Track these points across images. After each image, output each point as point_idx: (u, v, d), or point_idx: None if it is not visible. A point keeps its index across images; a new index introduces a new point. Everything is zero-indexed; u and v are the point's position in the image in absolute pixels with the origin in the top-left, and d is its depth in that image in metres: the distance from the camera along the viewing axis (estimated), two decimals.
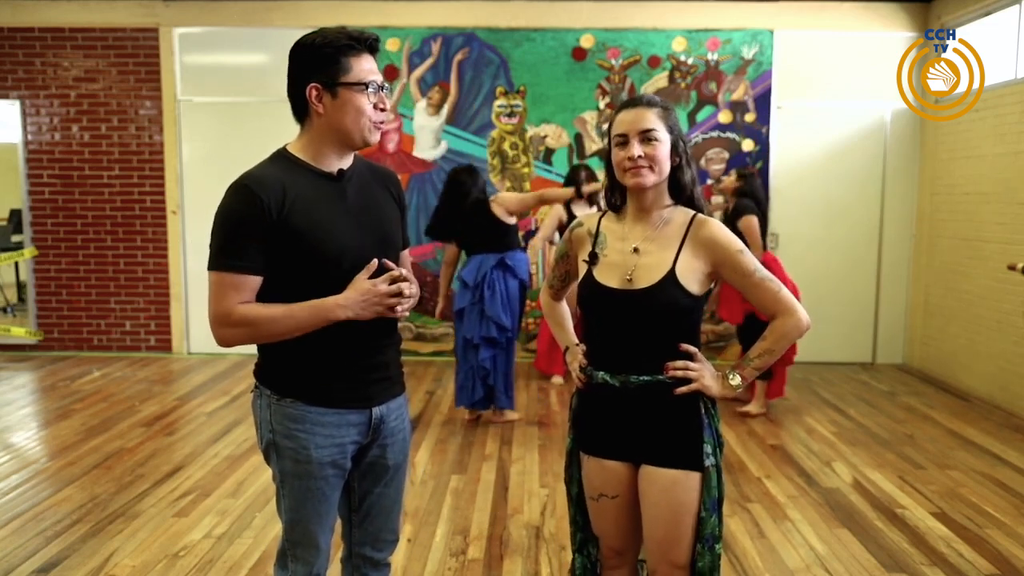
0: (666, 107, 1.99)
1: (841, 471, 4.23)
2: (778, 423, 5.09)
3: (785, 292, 1.97)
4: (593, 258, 2.03)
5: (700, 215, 2.00)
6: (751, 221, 5.02)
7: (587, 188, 5.38)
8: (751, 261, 1.96)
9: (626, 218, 2.05)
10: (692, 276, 1.95)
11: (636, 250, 1.98)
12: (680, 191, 2.01)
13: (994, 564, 3.18)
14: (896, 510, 3.71)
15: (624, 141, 1.95)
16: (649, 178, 1.94)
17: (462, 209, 4.86)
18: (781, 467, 4.28)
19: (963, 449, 4.61)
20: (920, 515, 3.66)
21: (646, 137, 1.93)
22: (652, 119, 1.94)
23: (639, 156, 1.92)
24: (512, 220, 4.90)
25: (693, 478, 1.95)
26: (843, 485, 4.03)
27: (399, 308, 1.86)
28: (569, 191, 5.21)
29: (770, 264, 4.99)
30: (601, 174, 6.74)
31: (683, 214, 2.01)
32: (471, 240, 4.94)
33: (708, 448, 1.96)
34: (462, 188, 4.86)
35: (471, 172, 4.95)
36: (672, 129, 1.97)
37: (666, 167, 1.96)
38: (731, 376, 1.99)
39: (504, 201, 4.87)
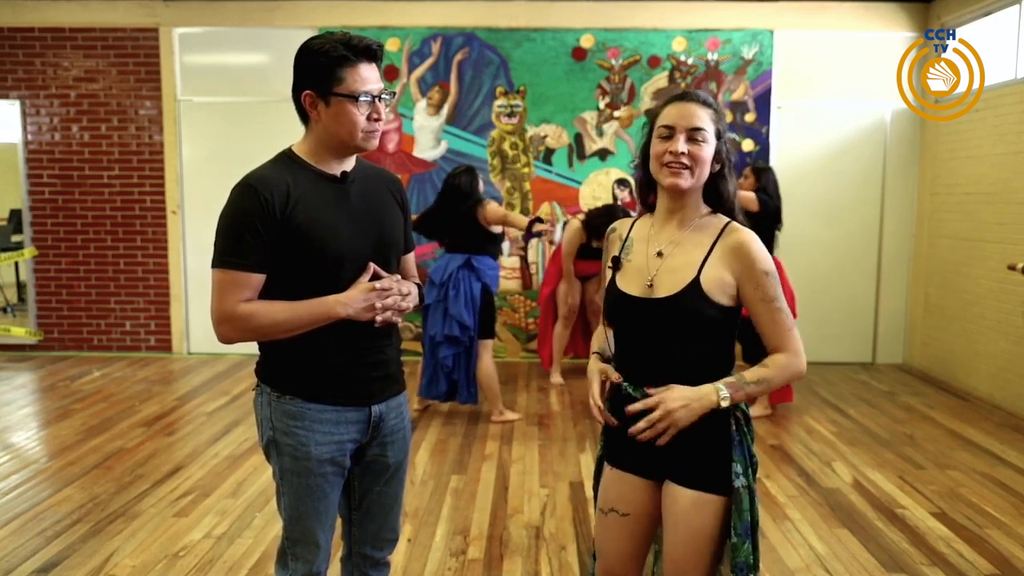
0: (718, 110, 1.86)
1: (841, 471, 4.23)
2: (778, 423, 5.09)
3: (796, 332, 1.84)
4: (616, 263, 1.92)
5: (734, 223, 1.87)
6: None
7: (537, 227, 5.09)
8: (776, 287, 1.81)
9: (656, 220, 1.93)
10: (718, 286, 1.80)
11: (660, 254, 1.85)
12: (720, 201, 1.88)
13: (994, 564, 3.18)
14: (896, 510, 3.71)
15: (669, 135, 1.82)
16: (687, 180, 1.81)
17: (457, 211, 4.89)
18: (781, 467, 4.28)
19: (963, 449, 4.61)
20: (920, 515, 3.65)
21: (693, 135, 1.80)
22: (704, 118, 1.82)
23: (682, 153, 1.79)
24: (498, 229, 4.98)
25: (715, 502, 1.81)
26: (843, 485, 4.03)
27: (394, 318, 1.91)
28: (523, 221, 5.05)
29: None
30: (600, 176, 6.76)
31: (718, 220, 1.87)
32: (454, 241, 4.98)
33: (738, 468, 1.81)
34: (461, 191, 4.90)
35: (471, 174, 4.97)
36: (719, 134, 1.84)
37: (706, 171, 1.83)
38: (722, 392, 1.79)
39: (488, 212, 4.87)
